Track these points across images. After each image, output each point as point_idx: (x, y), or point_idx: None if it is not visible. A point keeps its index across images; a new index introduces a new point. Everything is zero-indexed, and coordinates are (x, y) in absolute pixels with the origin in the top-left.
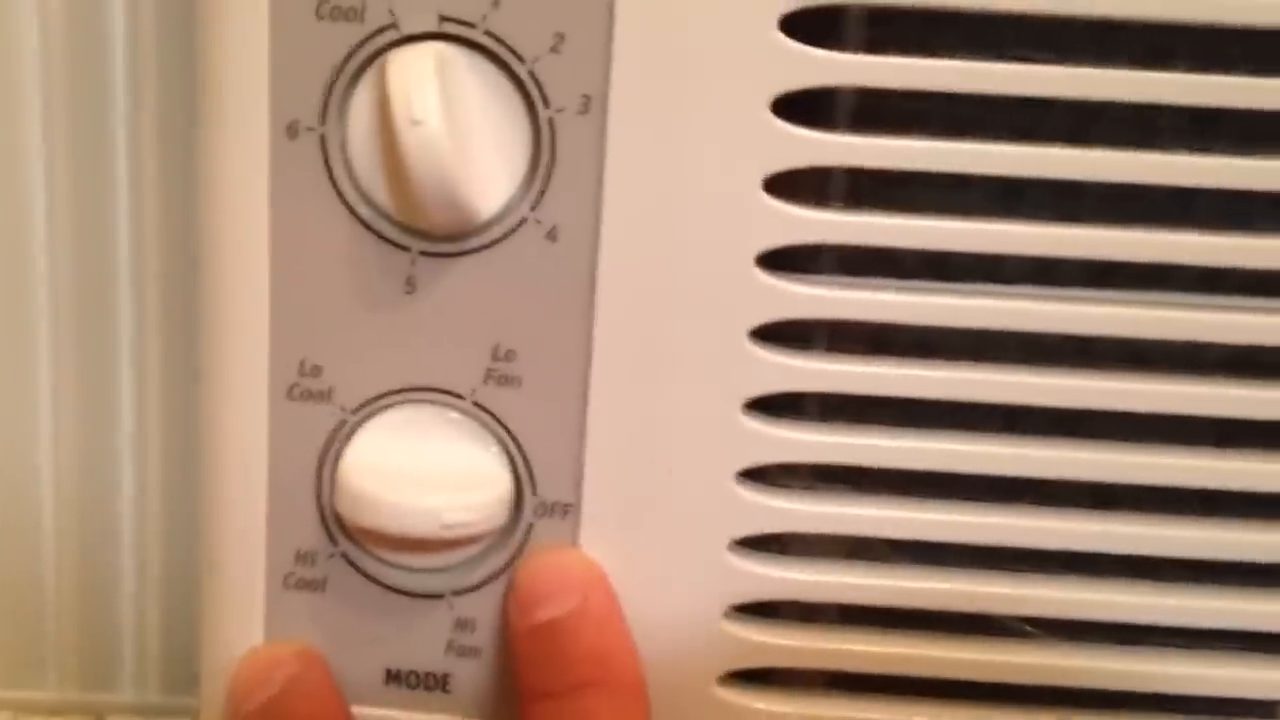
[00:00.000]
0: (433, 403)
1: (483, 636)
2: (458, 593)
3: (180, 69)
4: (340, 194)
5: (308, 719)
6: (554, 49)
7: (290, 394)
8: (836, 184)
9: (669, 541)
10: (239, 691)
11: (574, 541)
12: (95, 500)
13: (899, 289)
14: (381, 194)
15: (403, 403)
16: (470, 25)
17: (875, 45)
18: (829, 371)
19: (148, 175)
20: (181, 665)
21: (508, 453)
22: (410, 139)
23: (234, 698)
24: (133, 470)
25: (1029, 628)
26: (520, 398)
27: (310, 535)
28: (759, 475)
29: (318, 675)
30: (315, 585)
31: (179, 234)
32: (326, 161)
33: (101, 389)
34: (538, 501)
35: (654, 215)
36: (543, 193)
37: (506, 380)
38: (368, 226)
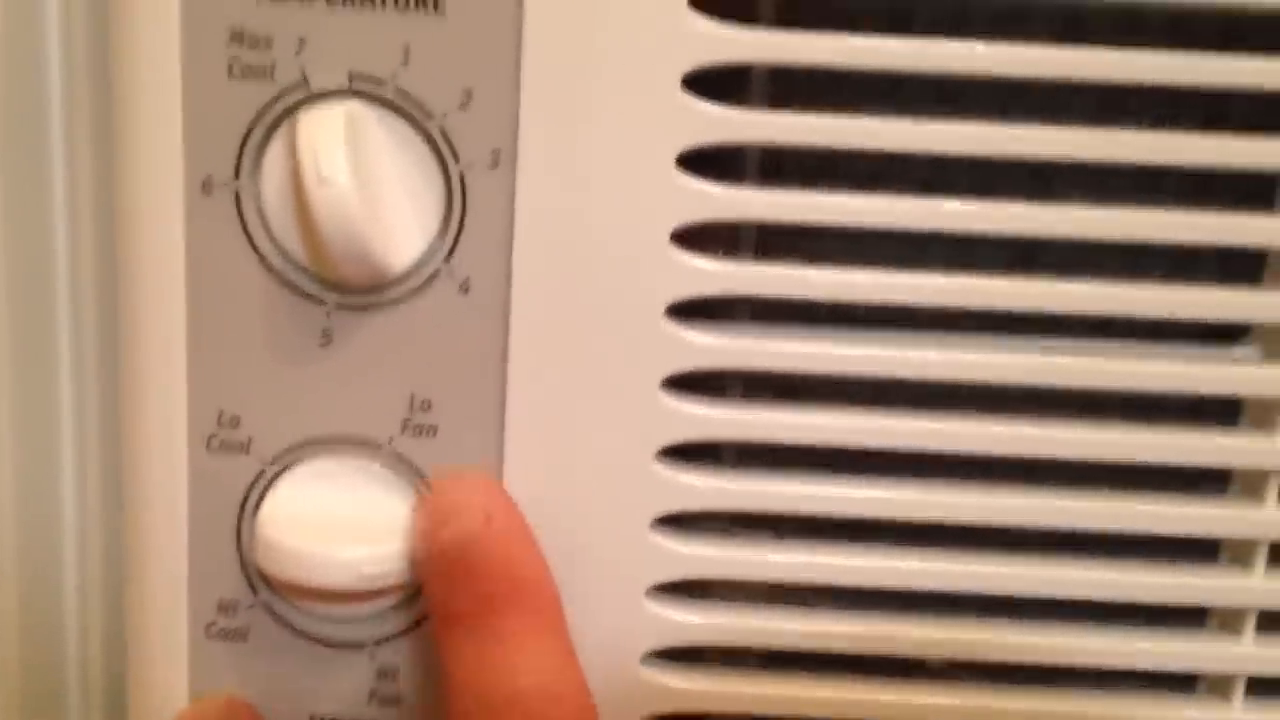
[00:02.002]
0: (351, 453)
1: (405, 685)
2: (379, 642)
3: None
4: (255, 248)
5: None
6: (462, 105)
7: (209, 445)
8: (746, 236)
9: (588, 588)
10: None
11: None
12: (38, 552)
13: (808, 338)
14: (296, 248)
15: (321, 453)
16: (380, 83)
17: (779, 100)
18: (740, 420)
19: (84, 217)
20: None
21: None
22: (319, 197)
23: None
24: (75, 511)
25: (949, 670)
26: (437, 446)
27: (232, 585)
28: (677, 522)
29: None
30: (238, 635)
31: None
32: (241, 216)
33: (41, 435)
34: None
35: (564, 266)
36: (455, 245)
37: (424, 430)
38: (283, 280)
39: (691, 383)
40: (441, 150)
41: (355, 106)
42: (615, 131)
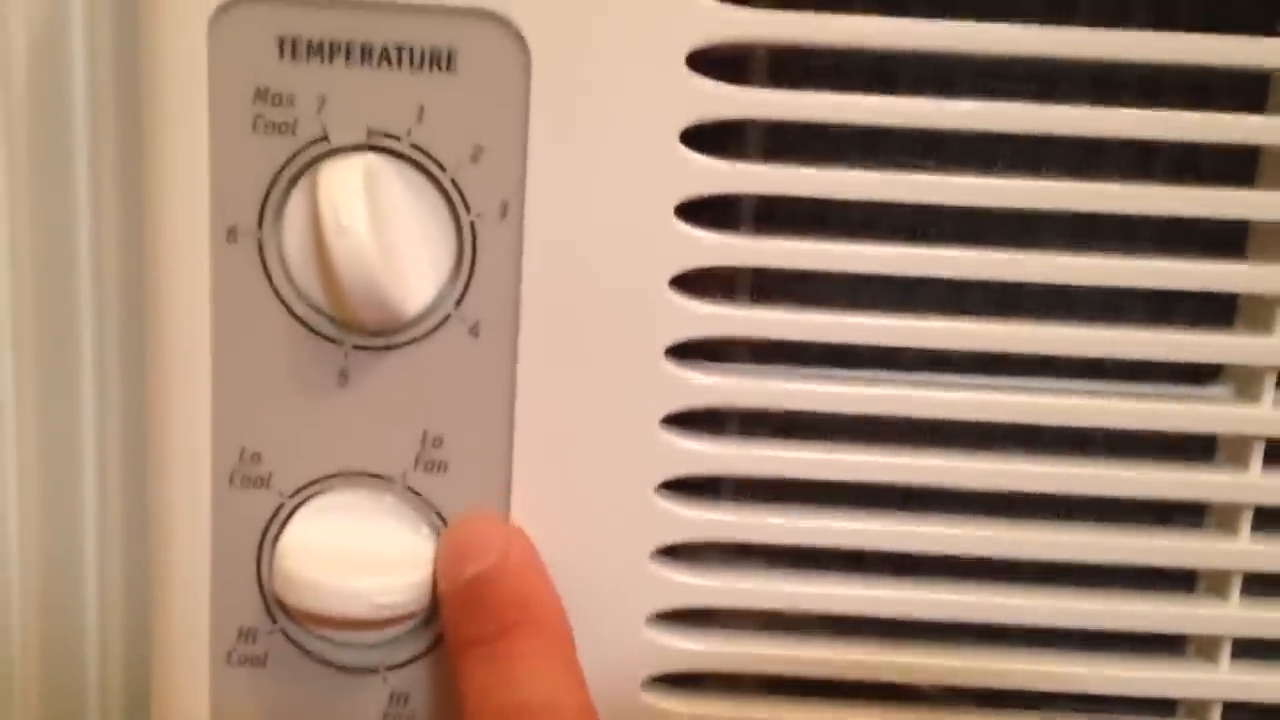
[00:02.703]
0: (366, 488)
1: (417, 708)
2: (392, 667)
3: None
4: (277, 293)
5: None
6: (474, 159)
7: (231, 480)
8: (743, 278)
9: (591, 616)
10: None
11: None
12: (59, 588)
13: (800, 378)
14: (316, 293)
15: (338, 488)
16: (396, 138)
17: (773, 153)
18: (737, 455)
19: (109, 263)
20: None
21: (437, 534)
22: (339, 246)
23: None
24: (96, 558)
25: (943, 695)
26: (448, 481)
27: (252, 613)
28: (677, 553)
29: None
30: (257, 661)
31: (140, 319)
32: (264, 263)
33: (64, 470)
34: None
35: (569, 311)
36: (465, 291)
37: (435, 465)
38: (303, 323)
39: (691, 420)
40: (454, 201)
41: (373, 160)
42: (617, 184)
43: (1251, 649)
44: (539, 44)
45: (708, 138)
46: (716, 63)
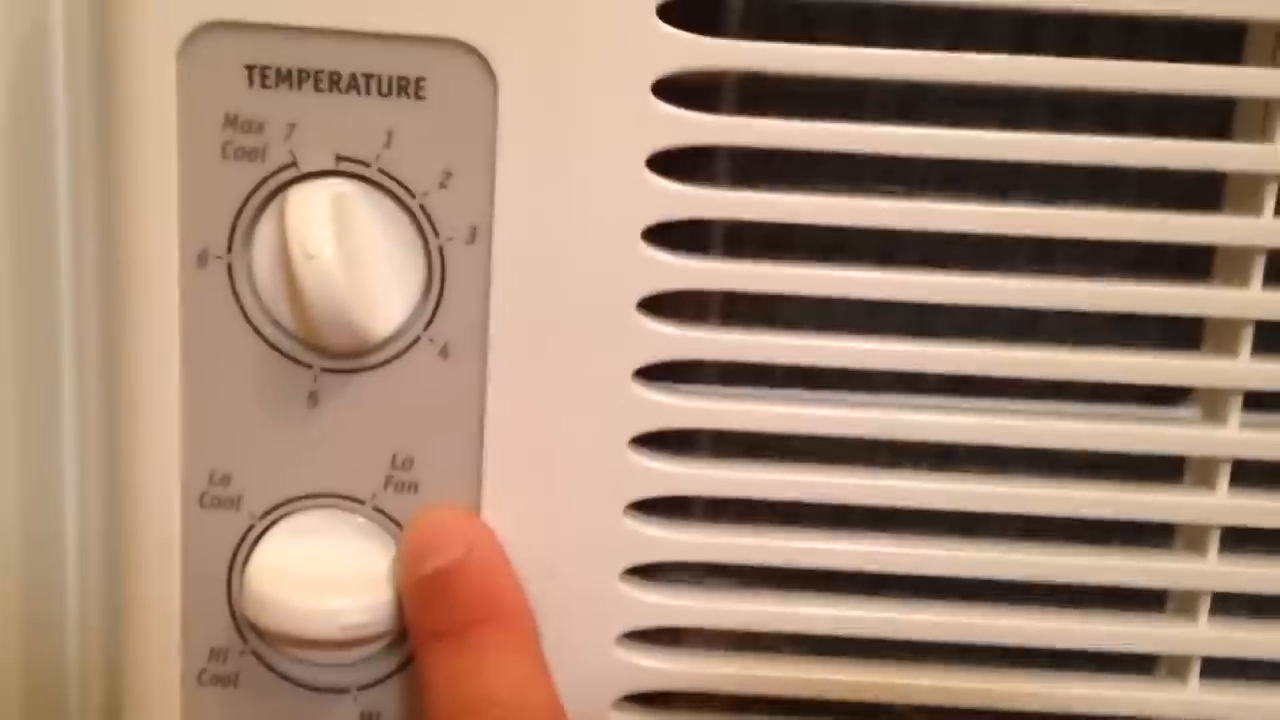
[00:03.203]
0: (336, 508)
1: None
2: (363, 687)
3: None
4: (247, 317)
5: None
6: (442, 184)
7: (202, 501)
8: (713, 300)
9: (560, 636)
10: None
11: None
12: (40, 599)
13: (771, 399)
14: (285, 316)
15: (308, 509)
16: (364, 164)
17: (742, 178)
18: (706, 476)
19: (88, 279)
20: None
21: None
22: (306, 271)
23: None
24: (76, 571)
25: (915, 713)
26: (419, 502)
27: (222, 633)
28: (647, 572)
29: None
30: (228, 681)
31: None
32: (234, 287)
33: (46, 484)
34: None
35: (538, 333)
36: (435, 313)
37: (405, 486)
38: (273, 346)
39: (660, 440)
40: (422, 226)
41: (342, 186)
42: (585, 209)
43: (1221, 668)
44: (506, 72)
45: (676, 162)
46: (685, 90)
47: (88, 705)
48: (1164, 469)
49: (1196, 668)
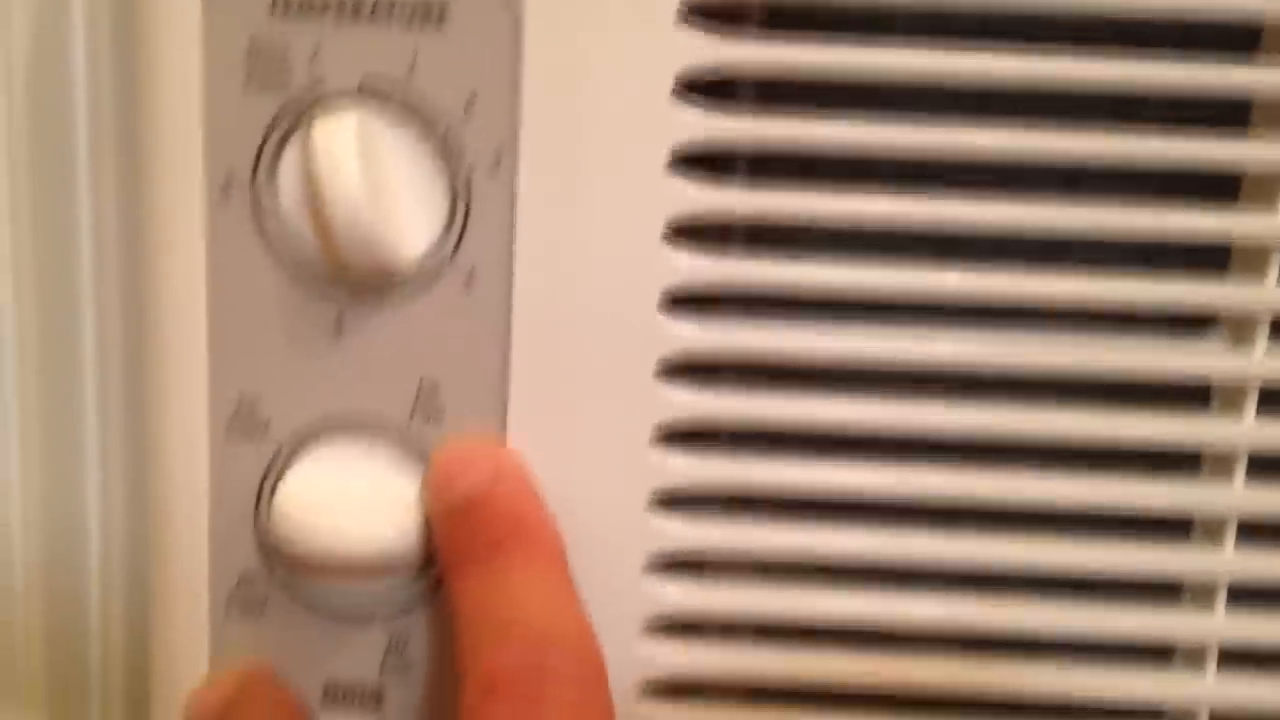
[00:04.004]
0: (362, 435)
1: (415, 655)
2: (390, 615)
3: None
4: (272, 246)
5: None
6: (466, 111)
7: (229, 429)
8: (738, 228)
9: (586, 563)
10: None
11: None
12: (62, 543)
13: (796, 328)
14: (310, 245)
15: (335, 436)
16: (388, 91)
17: (766, 101)
18: (732, 405)
19: (108, 219)
20: (146, 694)
21: None
22: (332, 198)
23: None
24: (98, 505)
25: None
26: (445, 429)
27: (251, 560)
28: (673, 501)
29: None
30: (256, 608)
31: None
32: (258, 216)
33: (66, 431)
34: None
35: (562, 261)
36: (460, 241)
37: (431, 413)
38: (298, 275)
39: (686, 370)
40: (447, 153)
41: (365, 113)
42: (610, 134)
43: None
44: None
45: (701, 89)
46: (712, 13)
47: (110, 643)
48: (1190, 398)
49: (1214, 658)
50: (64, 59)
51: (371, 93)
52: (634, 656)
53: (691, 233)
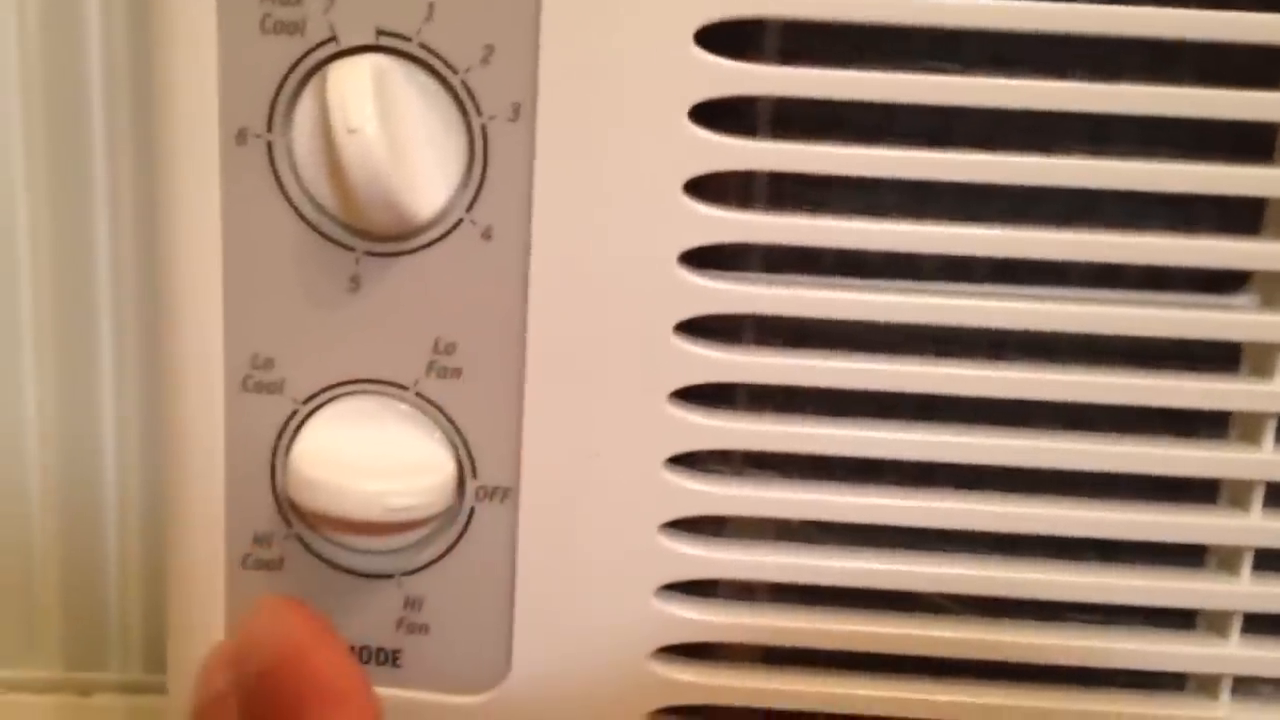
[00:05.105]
0: (379, 393)
1: (431, 614)
2: (406, 573)
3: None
4: (287, 197)
5: None
6: (484, 60)
7: (244, 385)
8: (759, 185)
9: (603, 522)
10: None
11: (514, 524)
12: (80, 491)
13: (818, 285)
14: (326, 197)
15: (350, 394)
16: (405, 39)
17: (790, 55)
18: (750, 364)
19: (124, 173)
20: (163, 646)
21: (450, 440)
22: (348, 146)
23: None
24: (115, 461)
25: (952, 605)
26: (461, 387)
27: (267, 518)
28: (691, 461)
29: None
30: (272, 565)
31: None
32: (274, 167)
33: (83, 382)
34: (479, 485)
35: (581, 215)
36: (477, 195)
37: (448, 371)
38: (314, 228)
39: (705, 328)
40: (464, 104)
41: (382, 61)
42: (630, 85)
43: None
44: None
45: (723, 39)
46: None
47: (126, 597)
48: (1220, 361)
49: (1238, 623)
50: (77, 6)
51: (388, 40)
52: (650, 617)
53: (713, 188)
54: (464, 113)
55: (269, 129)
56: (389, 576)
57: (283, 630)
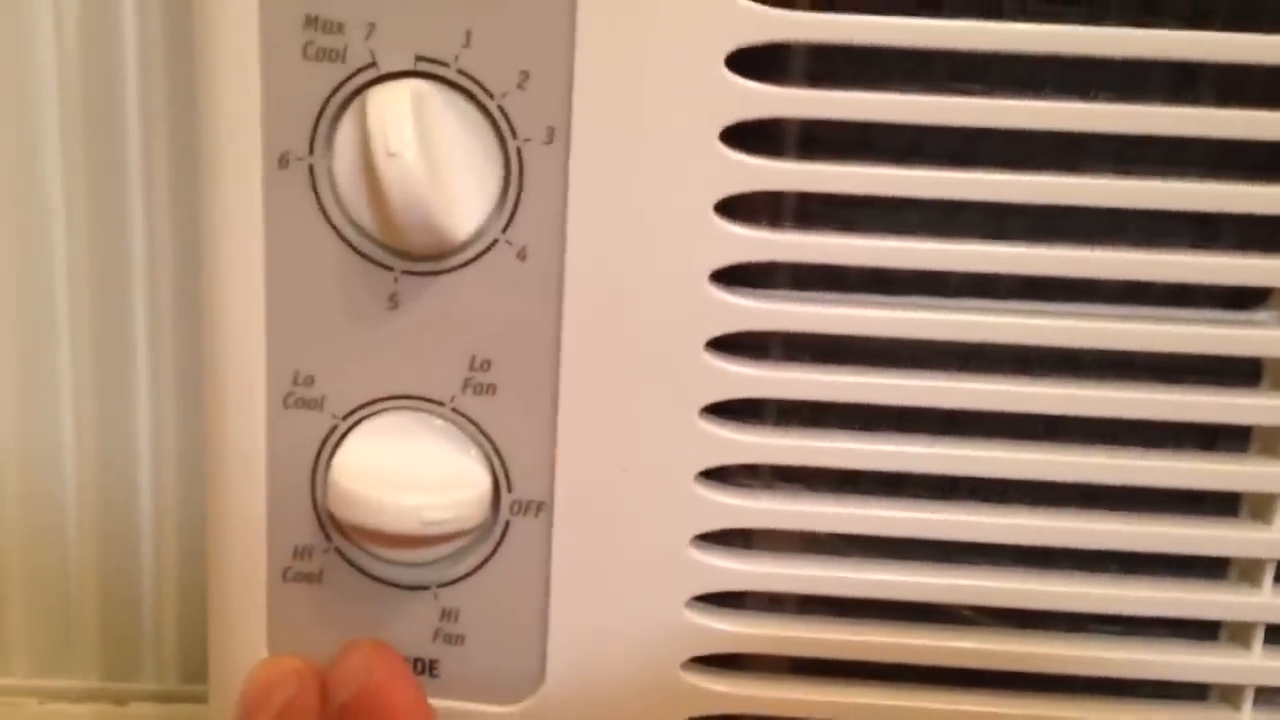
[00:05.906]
0: (416, 409)
1: (467, 625)
2: (443, 585)
3: (188, 84)
4: (328, 219)
5: None
6: (520, 85)
7: (286, 402)
8: (788, 205)
9: (635, 536)
10: (245, 706)
11: (548, 537)
12: (116, 502)
13: (846, 303)
14: (366, 218)
15: (389, 409)
16: (444, 64)
17: (816, 78)
18: (780, 379)
19: (159, 183)
20: (198, 655)
21: (486, 455)
22: (388, 170)
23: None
24: (150, 472)
25: (977, 616)
26: (496, 404)
27: (307, 532)
28: (721, 475)
29: (309, 696)
30: (312, 578)
31: (192, 238)
32: (315, 189)
33: (119, 393)
34: (513, 500)
35: (614, 235)
36: (513, 216)
37: (483, 388)
38: (354, 248)
39: (734, 345)
40: (500, 127)
41: (421, 86)
42: (662, 109)
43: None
44: None
45: (753, 63)
46: None
47: (162, 608)
48: (1241, 373)
49: (1260, 635)
50: (116, 30)
51: (427, 65)
52: (681, 628)
53: (743, 208)
54: (500, 136)
55: (311, 152)
56: (426, 588)
57: (365, 668)
